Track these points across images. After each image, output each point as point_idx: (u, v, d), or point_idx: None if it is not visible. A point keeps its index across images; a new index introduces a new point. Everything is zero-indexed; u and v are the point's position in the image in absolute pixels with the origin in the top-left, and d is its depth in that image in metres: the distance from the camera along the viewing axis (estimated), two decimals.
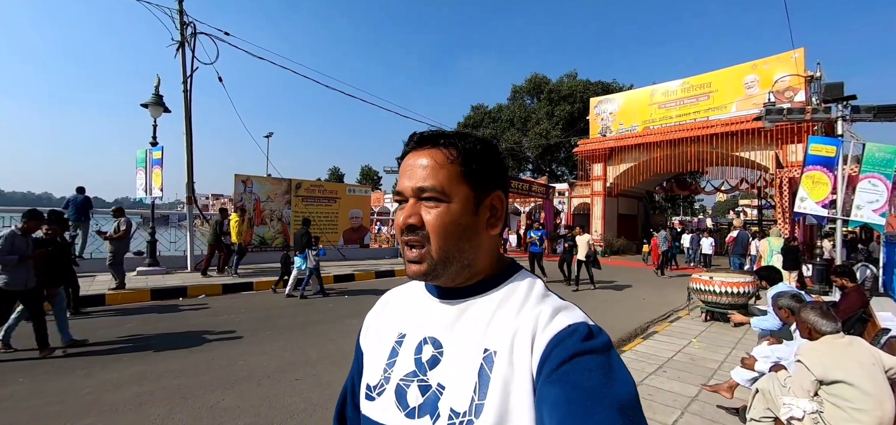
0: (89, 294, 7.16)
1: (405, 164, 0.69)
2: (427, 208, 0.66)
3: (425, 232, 0.65)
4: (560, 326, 0.59)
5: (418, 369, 0.67)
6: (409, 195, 0.67)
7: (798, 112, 8.16)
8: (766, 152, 15.66)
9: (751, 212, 37.04)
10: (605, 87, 32.62)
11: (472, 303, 0.69)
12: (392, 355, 0.71)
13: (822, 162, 6.88)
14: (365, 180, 53.80)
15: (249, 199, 12.23)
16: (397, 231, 0.68)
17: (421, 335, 0.70)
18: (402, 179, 0.69)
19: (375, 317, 0.81)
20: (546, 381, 0.55)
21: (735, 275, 6.75)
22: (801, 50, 15.08)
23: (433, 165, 0.66)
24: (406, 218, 0.66)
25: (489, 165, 0.70)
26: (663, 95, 19.40)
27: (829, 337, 2.27)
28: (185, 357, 4.58)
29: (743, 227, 13.85)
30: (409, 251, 0.67)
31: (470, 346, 0.64)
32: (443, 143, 0.68)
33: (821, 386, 2.17)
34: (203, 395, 3.62)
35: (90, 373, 4.04)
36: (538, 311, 0.63)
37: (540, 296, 0.67)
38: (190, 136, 10.41)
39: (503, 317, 0.65)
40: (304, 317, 6.67)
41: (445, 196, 0.65)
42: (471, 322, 0.67)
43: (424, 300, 0.74)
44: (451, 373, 0.64)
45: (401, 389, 0.67)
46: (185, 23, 10.15)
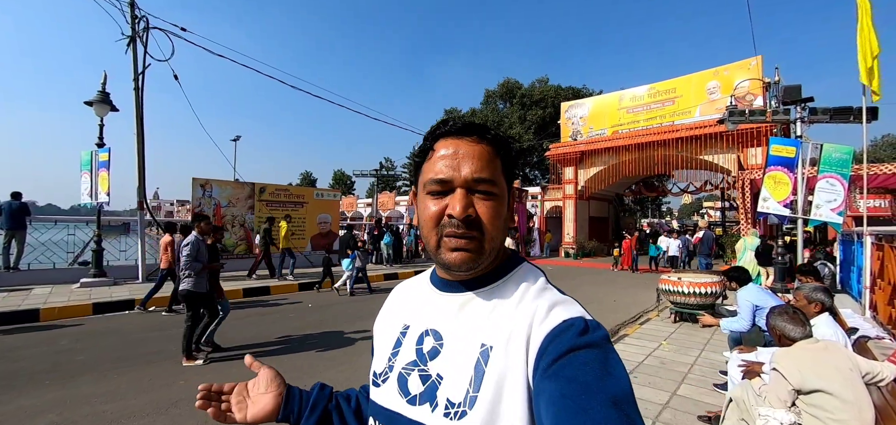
0: (23, 309, 6.49)
1: (446, 152, 0.67)
2: (481, 200, 0.65)
3: (479, 223, 0.64)
4: (557, 321, 0.60)
5: (419, 359, 0.69)
6: (460, 184, 0.65)
7: (760, 114, 8.37)
8: (728, 155, 16.20)
9: (715, 213, 38.49)
10: (575, 92, 33.26)
11: (473, 296, 0.69)
12: (397, 345, 0.74)
13: (782, 162, 7.04)
14: (337, 184, 52.82)
15: (209, 204, 11.59)
16: (433, 221, 0.66)
17: (423, 326, 0.72)
18: (442, 166, 0.66)
19: (386, 309, 0.83)
20: (543, 376, 0.55)
21: (703, 275, 6.79)
22: (759, 57, 15.74)
23: (487, 157, 0.67)
24: (464, 208, 0.63)
25: (513, 161, 0.74)
26: (631, 100, 19.83)
27: (804, 343, 2.16)
28: (118, 378, 4.12)
29: (707, 228, 14.22)
30: (456, 240, 0.64)
31: (468, 339, 0.65)
32: (490, 137, 0.69)
33: (798, 395, 2.03)
34: (127, 422, 3.20)
35: (5, 400, 3.55)
36: (536, 305, 0.63)
37: (539, 289, 0.67)
38: (141, 137, 9.74)
39: (502, 310, 0.65)
40: (260, 327, 6.24)
41: (497, 189, 0.67)
42: (471, 315, 0.67)
43: (428, 292, 0.76)
44: (449, 365, 0.65)
45: (403, 377, 0.69)
46: (137, 16, 9.51)
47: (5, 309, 6.48)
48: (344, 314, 7.37)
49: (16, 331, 5.78)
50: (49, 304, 6.89)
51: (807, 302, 2.88)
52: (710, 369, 4.50)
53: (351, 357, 4.98)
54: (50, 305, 6.83)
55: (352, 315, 7.30)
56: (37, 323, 6.35)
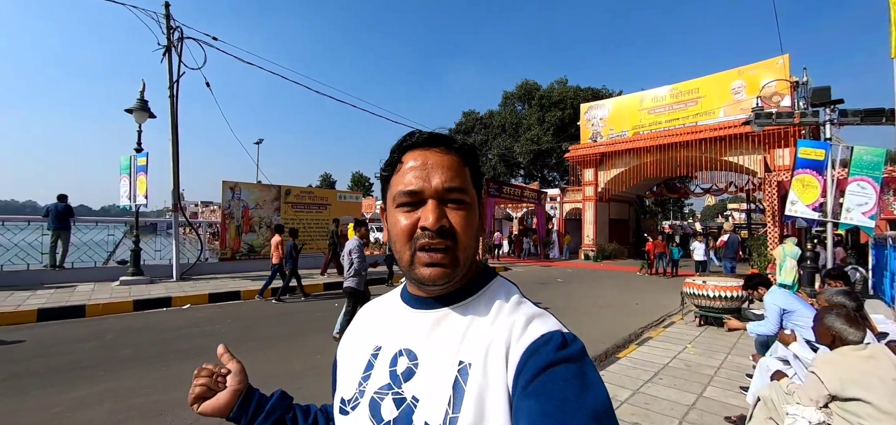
0: (70, 304, 6.91)
1: (414, 164, 0.66)
2: (452, 210, 0.65)
3: (454, 233, 0.63)
4: (534, 335, 0.59)
5: (393, 381, 0.65)
6: (431, 195, 0.64)
7: (787, 116, 8.22)
8: (754, 156, 15.83)
9: (739, 215, 37.48)
10: (594, 93, 32.91)
11: (447, 311, 0.67)
12: (367, 368, 0.70)
13: (811, 165, 6.91)
14: (356, 186, 53.50)
15: (238, 206, 12.03)
16: (406, 235, 0.64)
17: (396, 347, 0.68)
18: (411, 178, 0.65)
19: (352, 331, 0.79)
20: (522, 394, 0.55)
21: (728, 279, 6.72)
22: (786, 56, 15.33)
23: (456, 166, 0.66)
24: (437, 219, 0.62)
25: (480, 170, 0.73)
26: (652, 101, 19.57)
27: (849, 349, 2.13)
28: (164, 371, 4.39)
29: (733, 231, 13.94)
30: (431, 255, 0.63)
31: (445, 358, 0.63)
32: (456, 147, 0.69)
33: (833, 400, 2.06)
34: (179, 413, 3.44)
35: (63, 389, 3.85)
36: (512, 320, 0.62)
37: (515, 303, 0.66)
38: (176, 143, 10.19)
39: (478, 327, 0.64)
40: (291, 325, 6.50)
41: (469, 197, 0.66)
42: (446, 332, 0.65)
43: (400, 310, 0.73)
44: (425, 386, 0.62)
45: (375, 402, 0.65)
46: (172, 27, 9.97)
47: (54, 304, 6.91)
48: None
49: (65, 326, 6.17)
50: (93, 301, 7.31)
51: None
52: (736, 372, 4.49)
53: None
54: (94, 302, 7.24)
55: None
56: (83, 317, 6.76)
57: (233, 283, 9.67)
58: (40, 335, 5.63)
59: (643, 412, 3.53)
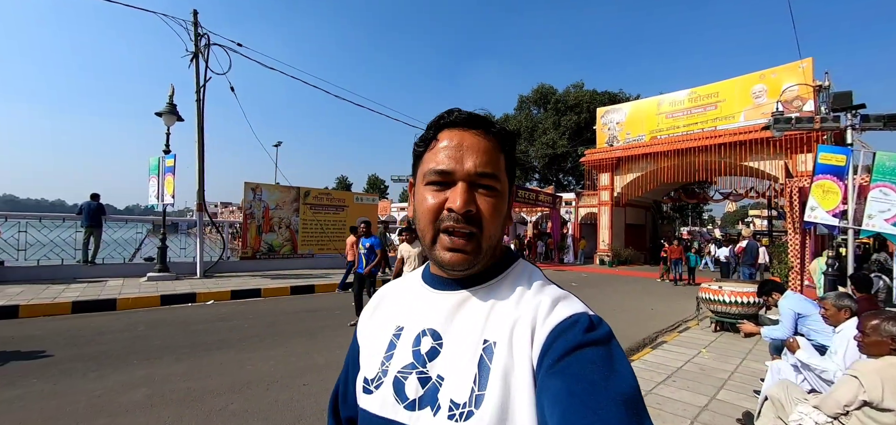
0: (102, 298, 7.27)
1: (449, 143, 0.64)
2: (483, 195, 0.64)
3: (479, 220, 0.63)
4: (561, 317, 0.59)
5: (417, 361, 0.65)
6: (462, 178, 0.63)
7: (807, 121, 8.10)
8: (775, 162, 15.54)
9: (760, 222, 36.61)
10: (611, 97, 32.66)
11: (471, 293, 0.67)
12: (390, 348, 0.70)
13: (832, 171, 6.81)
14: (372, 189, 54.08)
15: (259, 207, 12.38)
16: (432, 214, 0.64)
17: (419, 327, 0.68)
18: (444, 158, 0.64)
19: (372, 310, 0.79)
20: (548, 373, 0.54)
21: (745, 284, 6.68)
22: (809, 60, 15.03)
23: (491, 151, 0.65)
24: (465, 203, 0.61)
25: (515, 160, 0.72)
26: (670, 105, 19.36)
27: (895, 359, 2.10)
28: (194, 361, 4.63)
29: (752, 237, 13.70)
30: (453, 238, 0.63)
31: (470, 337, 0.63)
32: (495, 131, 0.67)
33: (864, 406, 2.07)
34: (211, 400, 3.65)
35: (101, 376, 4.10)
36: (538, 301, 0.62)
37: (540, 285, 0.66)
38: (202, 145, 10.58)
39: (503, 307, 0.64)
40: (311, 322, 6.71)
41: (500, 184, 0.65)
42: (470, 312, 0.65)
43: (422, 292, 0.73)
44: (450, 364, 0.63)
45: (399, 381, 0.65)
46: (200, 34, 10.38)
47: (87, 298, 7.28)
48: None
49: (98, 318, 6.50)
50: (123, 295, 7.67)
51: (836, 310, 2.94)
52: (751, 377, 4.50)
53: None
54: (124, 296, 7.60)
55: None
56: (114, 310, 7.11)
57: (253, 282, 9.97)
58: (76, 325, 5.96)
59: (655, 411, 3.59)
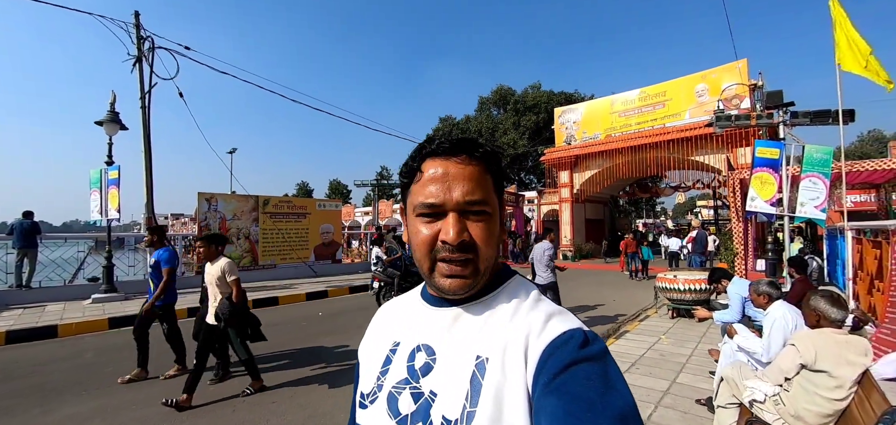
0: (41, 325, 6.68)
1: (435, 173, 0.64)
2: (474, 222, 0.64)
3: (474, 246, 0.63)
4: (555, 333, 0.58)
5: (411, 376, 0.66)
6: (452, 208, 0.63)
7: (744, 118, 8.78)
8: (718, 156, 16.67)
9: (707, 212, 39.07)
10: (567, 97, 33.81)
11: (466, 308, 0.67)
12: (386, 363, 0.71)
13: (768, 163, 7.41)
14: (334, 194, 52.95)
15: (214, 218, 11.81)
16: (427, 246, 0.64)
17: (414, 342, 0.69)
18: (433, 190, 0.64)
19: (372, 328, 0.80)
20: (544, 392, 0.54)
21: (697, 272, 7.13)
22: (744, 61, 16.27)
23: (477, 177, 0.65)
24: (458, 234, 0.61)
25: (503, 176, 0.72)
26: (623, 104, 20.31)
27: (830, 331, 2.36)
28: (150, 387, 4.36)
29: (701, 227, 14.63)
30: (452, 266, 0.63)
31: (462, 353, 0.63)
32: (479, 154, 0.66)
33: (802, 369, 2.31)
34: None
35: (47, 411, 3.77)
36: (531, 317, 0.62)
37: (533, 301, 0.66)
38: (149, 155, 9.97)
39: (496, 323, 0.64)
40: (277, 337, 6.48)
41: (490, 208, 0.65)
42: (464, 328, 0.66)
43: (419, 307, 0.74)
44: (443, 380, 0.63)
45: (393, 396, 0.66)
46: (143, 37, 9.77)
47: (24, 325, 6.66)
48: (353, 322, 7.63)
49: (39, 347, 5.97)
50: (65, 320, 7.07)
51: (757, 296, 3.25)
52: (706, 359, 4.81)
53: None
54: (67, 321, 7.01)
55: (362, 323, 7.55)
56: (56, 338, 6.54)
57: None
58: (12, 357, 5.44)
59: None
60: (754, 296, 3.29)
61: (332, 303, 9.58)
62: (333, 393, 4.18)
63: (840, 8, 6.42)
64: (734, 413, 2.70)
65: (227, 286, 4.06)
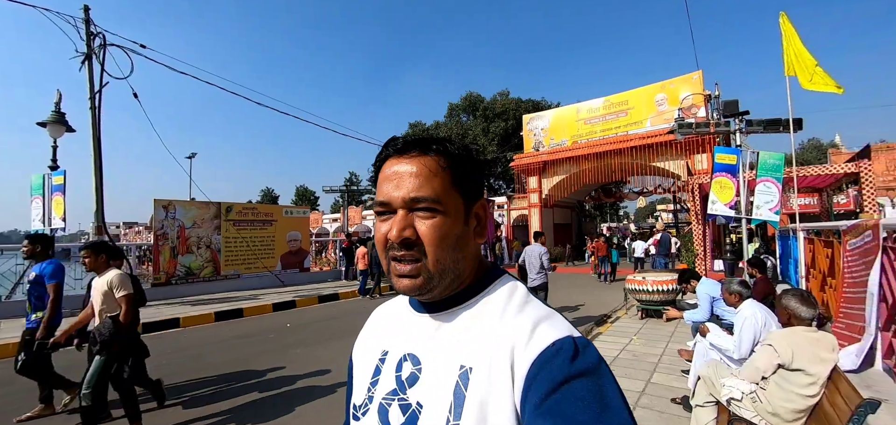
0: None
1: (389, 172, 0.64)
2: (421, 219, 0.62)
3: (420, 244, 0.61)
4: (543, 344, 0.55)
5: (399, 387, 0.65)
6: (399, 205, 0.62)
7: (704, 126, 9.23)
8: (677, 162, 17.48)
9: (667, 215, 40.89)
10: (535, 104, 34.56)
11: (449, 314, 0.65)
12: (375, 373, 0.69)
13: (726, 169, 7.81)
14: (301, 201, 51.57)
15: (172, 226, 11.17)
16: (381, 245, 0.64)
17: (402, 351, 0.67)
18: (385, 188, 0.63)
19: (364, 334, 0.78)
20: (535, 413, 0.51)
21: (664, 273, 7.37)
22: (700, 72, 17.23)
23: (426, 173, 0.62)
24: (400, 231, 0.60)
25: (474, 172, 0.68)
26: (588, 112, 20.97)
27: (802, 329, 2.45)
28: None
29: (664, 230, 15.23)
30: (400, 265, 0.62)
31: (446, 362, 0.61)
32: (434, 149, 0.64)
33: (778, 368, 2.39)
34: None
35: None
36: (517, 323, 0.59)
37: (520, 303, 0.63)
38: (99, 158, 9.29)
39: (480, 329, 0.61)
40: (243, 350, 6.16)
41: (441, 206, 0.62)
42: (447, 336, 0.64)
43: (406, 314, 0.72)
44: (428, 391, 0.61)
45: (383, 408, 0.65)
46: (93, 33, 9.13)
47: None
48: (322, 333, 7.37)
49: None
50: (2, 340, 6.44)
51: (729, 294, 3.39)
52: (676, 358, 4.94)
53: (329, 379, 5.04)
54: (4, 341, 6.40)
55: (334, 332, 7.30)
56: None
57: (170, 310, 8.94)
58: None
59: None
60: (726, 294, 3.41)
61: (301, 314, 9.24)
62: (302, 412, 3.98)
63: (789, 24, 6.87)
64: (712, 411, 2.77)
65: (114, 303, 3.31)
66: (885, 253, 3.51)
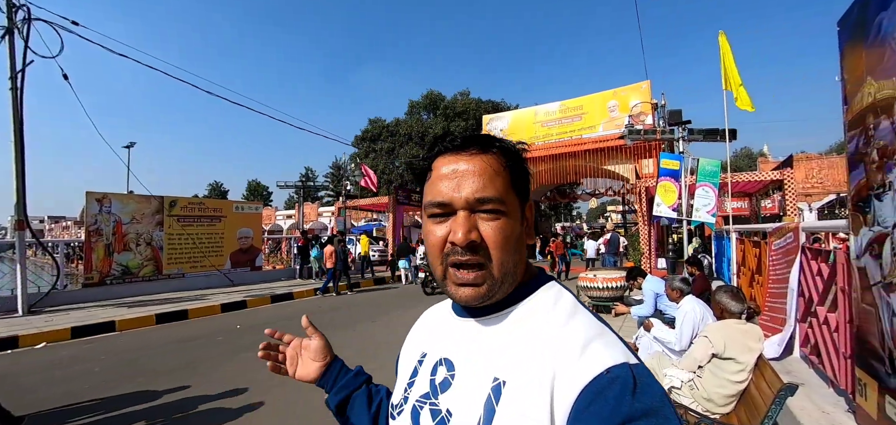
0: None
1: (446, 170, 0.60)
2: (485, 221, 0.58)
3: (485, 248, 0.58)
4: (595, 369, 0.48)
5: (431, 391, 0.63)
6: (461, 206, 0.58)
7: (651, 133, 9.81)
8: (627, 166, 18.43)
9: (616, 216, 43.04)
10: (495, 105, 35.19)
11: (490, 320, 0.62)
12: (413, 374, 0.69)
13: (670, 174, 8.35)
14: (253, 196, 49.37)
15: (107, 221, 10.31)
16: (437, 250, 0.60)
17: (438, 355, 0.66)
18: (443, 187, 0.59)
19: (410, 334, 0.79)
20: None
21: (613, 271, 7.76)
22: (649, 82, 18.26)
23: (490, 172, 0.59)
24: (466, 233, 0.56)
25: (526, 173, 0.66)
26: (545, 115, 21.63)
27: (733, 322, 2.68)
28: None
29: (613, 230, 16.04)
30: (461, 273, 0.58)
31: (480, 371, 0.58)
32: (496, 147, 0.62)
33: (713, 358, 2.60)
34: None
35: None
36: (563, 338, 0.54)
37: (566, 314, 0.58)
38: (21, 146, 8.39)
39: (520, 339, 0.57)
40: (186, 354, 5.81)
41: (505, 207, 0.59)
42: (485, 344, 0.60)
43: (447, 317, 0.71)
44: (459, 400, 0.59)
45: (415, 411, 0.64)
46: (15, 5, 8.22)
47: None
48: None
49: None
50: None
51: (671, 290, 3.66)
52: None
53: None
54: None
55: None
56: None
57: (104, 313, 8.25)
58: None
59: None
60: (669, 290, 3.65)
61: (253, 315, 8.84)
62: (252, 420, 3.82)
63: (726, 42, 7.45)
64: None
65: None
66: (803, 253, 3.92)
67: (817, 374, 3.61)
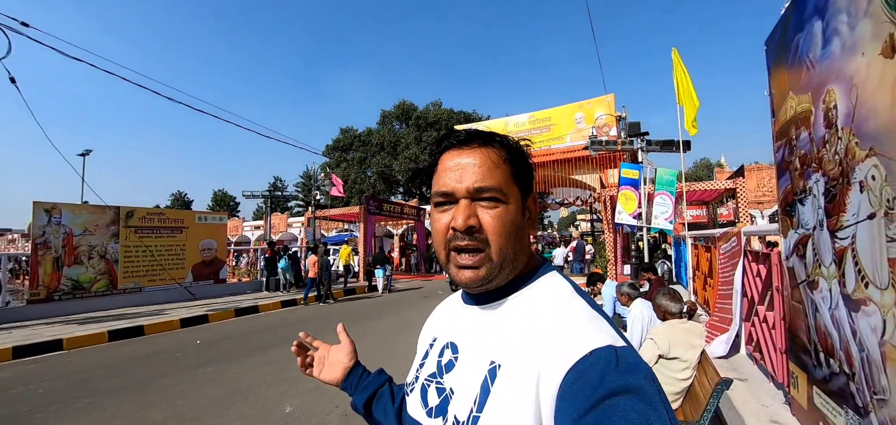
0: None
1: (450, 164, 0.65)
2: (485, 209, 0.63)
3: (484, 235, 0.62)
4: (580, 351, 0.50)
5: (438, 372, 0.69)
6: (462, 195, 0.63)
7: (612, 143, 10.20)
8: (593, 175, 19.04)
9: (585, 224, 44.14)
10: (466, 116, 35.60)
11: (492, 307, 0.66)
12: (424, 356, 0.76)
13: (630, 183, 8.70)
14: (219, 206, 47.71)
15: (57, 233, 9.73)
16: (441, 236, 0.65)
17: (446, 339, 0.72)
18: (447, 179, 0.64)
19: (428, 321, 0.85)
20: None
21: (579, 277, 7.97)
22: (612, 95, 19.03)
23: (490, 164, 0.64)
24: (466, 218, 0.61)
25: (528, 167, 0.70)
26: (515, 126, 22.07)
27: (676, 322, 2.84)
28: None
29: (580, 238, 16.48)
30: (462, 257, 0.63)
31: (479, 355, 0.62)
32: (497, 142, 0.66)
33: (659, 358, 2.73)
34: None
35: None
36: (555, 324, 0.57)
37: (560, 301, 0.61)
38: None
39: (515, 326, 0.61)
40: (141, 372, 5.54)
41: (504, 196, 0.63)
42: (484, 329, 0.65)
43: (456, 305, 0.77)
44: (460, 380, 0.64)
45: (424, 388, 0.71)
46: None
47: None
48: (238, 348, 6.88)
49: None
50: None
51: (621, 296, 3.85)
52: None
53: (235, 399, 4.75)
54: None
55: (248, 348, 6.85)
56: None
57: (50, 331, 7.76)
58: None
59: None
60: (619, 296, 3.82)
61: (214, 329, 8.52)
62: None
63: (678, 57, 7.88)
64: None
65: None
66: (745, 256, 4.17)
67: (760, 370, 3.84)
